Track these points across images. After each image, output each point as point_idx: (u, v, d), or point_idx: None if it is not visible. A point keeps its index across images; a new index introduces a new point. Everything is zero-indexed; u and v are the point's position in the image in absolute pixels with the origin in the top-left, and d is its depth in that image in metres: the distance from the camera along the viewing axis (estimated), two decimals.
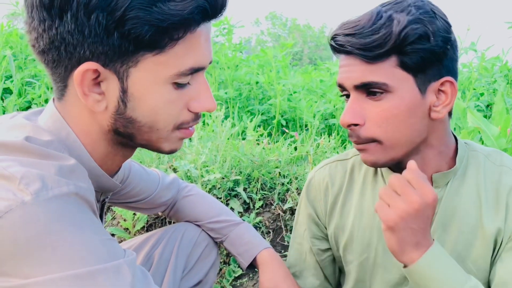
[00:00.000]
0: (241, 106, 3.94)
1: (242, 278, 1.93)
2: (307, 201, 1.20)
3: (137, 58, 0.76)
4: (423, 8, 0.92)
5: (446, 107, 0.96)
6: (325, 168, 1.19)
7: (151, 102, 0.80)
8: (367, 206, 1.10)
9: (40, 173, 0.70)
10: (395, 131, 0.94)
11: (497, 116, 2.55)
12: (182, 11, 0.74)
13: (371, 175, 1.12)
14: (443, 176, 1.03)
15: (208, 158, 2.23)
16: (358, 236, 1.11)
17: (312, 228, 1.20)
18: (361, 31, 0.91)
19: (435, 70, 0.93)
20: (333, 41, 0.96)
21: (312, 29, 30.23)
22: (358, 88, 0.95)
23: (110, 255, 0.72)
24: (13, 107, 3.22)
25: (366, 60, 0.91)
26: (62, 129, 0.82)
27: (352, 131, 0.98)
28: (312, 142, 2.61)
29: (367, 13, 0.94)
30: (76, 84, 0.76)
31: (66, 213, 0.70)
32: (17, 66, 3.85)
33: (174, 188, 1.36)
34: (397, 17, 0.90)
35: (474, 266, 1.01)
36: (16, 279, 0.67)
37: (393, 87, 0.92)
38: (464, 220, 1.02)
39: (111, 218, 2.11)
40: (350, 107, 0.96)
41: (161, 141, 0.86)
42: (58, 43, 0.75)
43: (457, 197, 1.03)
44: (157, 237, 1.30)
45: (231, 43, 4.37)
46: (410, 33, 0.88)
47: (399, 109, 0.93)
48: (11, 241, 0.66)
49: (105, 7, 0.71)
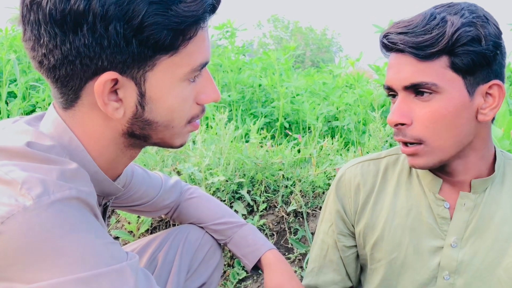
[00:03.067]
0: (244, 109, 3.94)
1: (246, 281, 1.93)
2: (336, 197, 1.20)
3: (154, 62, 0.77)
4: (476, 12, 0.94)
5: (493, 110, 0.97)
6: (357, 166, 1.19)
7: (169, 102, 0.81)
8: (400, 206, 1.11)
9: (42, 177, 0.70)
10: (442, 132, 0.95)
11: (501, 118, 2.54)
12: (197, 11, 0.75)
13: (406, 175, 1.13)
14: (482, 182, 1.03)
15: (212, 161, 2.24)
16: (389, 235, 1.11)
17: (339, 224, 1.20)
18: (414, 30, 0.92)
19: (484, 73, 0.94)
20: (385, 39, 0.97)
21: (314, 32, 30.19)
22: (407, 89, 0.96)
23: (113, 259, 0.72)
24: (18, 110, 3.23)
25: (417, 58, 0.93)
26: (64, 135, 0.82)
27: (399, 130, 0.99)
28: (316, 145, 2.61)
29: (420, 14, 0.96)
30: (97, 95, 0.76)
31: (68, 217, 0.70)
32: (21, 70, 3.86)
33: (177, 190, 1.36)
34: (451, 18, 0.91)
35: (506, 274, 1.02)
36: (19, 284, 0.67)
37: (442, 88, 0.93)
38: (500, 228, 1.03)
39: (116, 221, 2.11)
40: (398, 106, 0.97)
41: (174, 137, 0.88)
42: (72, 57, 0.74)
43: (494, 205, 1.04)
44: (161, 239, 1.31)
45: (234, 46, 4.37)
46: (463, 34, 0.90)
47: (448, 110, 0.94)
48: (14, 246, 0.66)
49: (122, 17, 0.71)
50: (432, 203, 1.07)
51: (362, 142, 3.30)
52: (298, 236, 2.06)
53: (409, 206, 1.10)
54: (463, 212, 1.04)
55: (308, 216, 2.12)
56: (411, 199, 1.10)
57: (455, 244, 1.04)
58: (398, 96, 0.98)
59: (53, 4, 0.71)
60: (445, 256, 1.05)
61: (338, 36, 38.31)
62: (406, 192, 1.12)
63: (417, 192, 1.10)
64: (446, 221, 1.05)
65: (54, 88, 0.81)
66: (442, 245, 1.05)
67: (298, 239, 2.05)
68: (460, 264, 1.04)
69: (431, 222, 1.07)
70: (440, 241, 1.06)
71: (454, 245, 1.04)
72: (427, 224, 1.07)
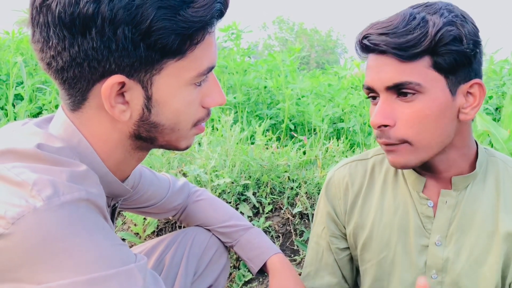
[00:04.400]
0: (249, 110, 3.95)
1: (252, 283, 1.94)
2: (326, 200, 1.20)
3: (161, 66, 0.77)
4: (454, 12, 0.94)
5: (474, 109, 0.97)
6: (344, 167, 1.19)
7: (175, 105, 0.82)
8: (388, 205, 1.11)
9: (52, 179, 0.71)
10: (426, 132, 0.95)
11: (506, 119, 2.54)
12: (205, 16, 0.75)
13: (392, 174, 1.13)
14: (463, 179, 1.03)
15: (218, 163, 2.24)
16: (377, 234, 1.11)
17: (330, 227, 1.20)
18: (395, 30, 0.91)
19: (465, 72, 0.94)
20: (366, 40, 0.95)
21: (319, 33, 30.19)
22: (389, 89, 0.95)
23: (122, 260, 0.73)
24: (24, 113, 3.25)
25: (400, 59, 0.92)
26: (74, 136, 0.83)
27: (382, 132, 0.98)
28: (321, 146, 2.61)
29: (398, 14, 0.95)
30: (104, 98, 0.77)
31: (77, 218, 0.70)
32: (28, 72, 3.88)
33: (185, 192, 1.37)
34: (431, 18, 0.91)
35: (490, 272, 1.02)
36: (28, 285, 0.67)
37: (425, 88, 0.92)
38: (482, 225, 1.03)
39: (122, 223, 2.12)
40: (381, 108, 0.96)
41: (180, 139, 0.88)
42: (80, 59, 0.74)
43: (476, 202, 1.04)
44: (168, 242, 1.31)
45: (239, 48, 4.38)
46: (445, 34, 0.90)
47: (431, 110, 0.93)
48: (24, 247, 0.66)
49: (131, 21, 0.72)
50: (416, 202, 1.07)
51: (368, 143, 3.30)
52: (303, 238, 2.06)
53: (396, 205, 1.10)
54: (445, 210, 1.04)
55: None
56: (397, 198, 1.10)
57: (439, 243, 1.04)
58: (380, 97, 0.97)
59: (62, 7, 0.72)
60: (431, 255, 1.05)
61: (343, 38, 38.33)
62: (393, 191, 1.12)
63: (403, 190, 1.10)
64: (430, 220, 1.05)
65: (62, 90, 0.81)
66: (428, 244, 1.06)
67: (304, 241, 2.05)
68: (446, 262, 1.04)
69: (417, 221, 1.07)
70: (425, 239, 1.06)
71: (438, 243, 1.04)
72: (414, 223, 1.07)
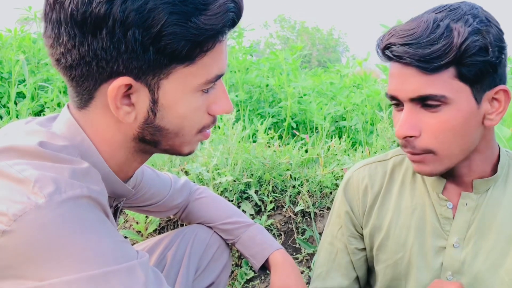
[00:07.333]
0: (251, 109, 3.95)
1: (254, 281, 1.94)
2: (344, 200, 1.19)
3: (169, 71, 0.77)
4: (478, 16, 0.91)
5: (499, 114, 0.95)
6: (364, 168, 1.18)
7: (180, 110, 0.82)
8: (405, 206, 1.11)
9: (54, 176, 0.71)
10: (452, 141, 0.94)
11: (509, 118, 2.53)
12: (216, 25, 0.75)
13: (410, 174, 1.13)
14: (484, 182, 1.03)
15: (220, 161, 2.24)
16: (394, 235, 1.11)
17: (349, 226, 1.19)
18: (419, 40, 0.88)
19: (491, 79, 0.92)
20: (388, 51, 0.93)
21: (320, 32, 30.13)
22: (413, 100, 0.93)
23: (124, 257, 0.73)
24: (26, 111, 3.25)
25: (424, 71, 0.90)
26: (77, 135, 0.83)
27: (407, 142, 0.97)
28: (323, 145, 2.61)
29: (421, 20, 0.91)
30: (110, 98, 0.77)
31: (79, 215, 0.71)
32: (30, 70, 3.89)
33: (186, 191, 1.37)
34: (456, 27, 0.88)
35: (507, 276, 1.01)
36: (31, 282, 0.67)
37: (450, 99, 0.91)
38: (502, 228, 1.02)
39: (124, 221, 2.12)
40: (406, 118, 0.94)
41: (183, 144, 0.88)
42: (89, 58, 0.75)
43: (497, 205, 1.03)
44: (170, 239, 1.31)
45: (241, 46, 4.38)
46: (470, 45, 0.87)
47: (457, 120, 0.92)
48: (26, 244, 0.67)
49: (142, 24, 0.72)
50: (435, 203, 1.07)
51: (370, 142, 3.30)
52: (305, 236, 2.06)
53: (414, 206, 1.09)
54: (465, 212, 1.04)
55: (316, 216, 2.12)
56: (415, 198, 1.10)
57: (457, 245, 1.04)
58: (404, 107, 0.95)
59: (75, 5, 0.72)
60: (448, 257, 1.05)
61: (345, 36, 38.23)
62: (411, 192, 1.11)
63: (421, 191, 1.10)
64: (449, 221, 1.05)
65: (70, 87, 0.82)
66: (445, 245, 1.05)
67: (306, 239, 2.05)
68: (463, 265, 1.04)
69: (435, 222, 1.06)
70: (443, 241, 1.06)
71: (456, 245, 1.04)
72: (431, 224, 1.07)
